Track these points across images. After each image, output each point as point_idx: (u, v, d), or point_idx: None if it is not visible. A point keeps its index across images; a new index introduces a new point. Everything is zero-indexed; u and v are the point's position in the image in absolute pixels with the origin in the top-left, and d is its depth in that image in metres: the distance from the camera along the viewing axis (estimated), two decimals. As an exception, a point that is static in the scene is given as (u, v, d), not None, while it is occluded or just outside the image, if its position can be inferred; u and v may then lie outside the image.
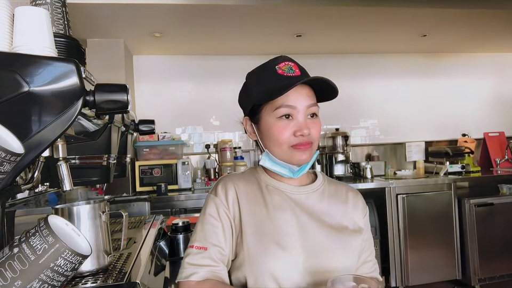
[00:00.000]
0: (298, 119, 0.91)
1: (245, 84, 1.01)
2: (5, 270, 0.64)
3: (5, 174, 0.63)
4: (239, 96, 1.04)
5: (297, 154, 0.91)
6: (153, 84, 3.76)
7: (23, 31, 0.77)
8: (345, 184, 1.09)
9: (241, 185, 0.98)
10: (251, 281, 0.90)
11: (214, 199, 0.97)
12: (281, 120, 0.91)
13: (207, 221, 0.95)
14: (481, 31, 3.56)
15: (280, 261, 0.88)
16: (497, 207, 3.25)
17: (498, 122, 4.33)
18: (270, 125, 0.92)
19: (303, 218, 0.94)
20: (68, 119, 0.72)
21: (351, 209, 1.02)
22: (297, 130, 0.90)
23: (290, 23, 3.09)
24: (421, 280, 3.19)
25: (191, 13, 2.79)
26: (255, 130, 0.98)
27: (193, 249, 0.92)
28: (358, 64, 4.12)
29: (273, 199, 0.96)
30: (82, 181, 1.31)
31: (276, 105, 0.90)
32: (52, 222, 0.69)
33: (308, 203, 0.97)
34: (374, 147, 4.12)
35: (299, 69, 0.94)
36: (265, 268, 0.88)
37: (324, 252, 0.92)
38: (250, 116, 0.98)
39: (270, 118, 0.92)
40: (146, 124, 1.63)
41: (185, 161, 3.29)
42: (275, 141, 0.92)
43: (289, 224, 0.93)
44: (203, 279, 0.89)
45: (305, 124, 0.91)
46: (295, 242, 0.91)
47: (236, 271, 0.94)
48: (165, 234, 1.62)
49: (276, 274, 0.88)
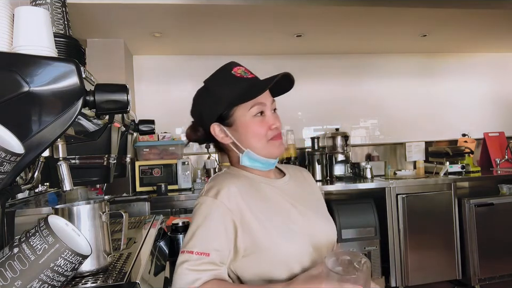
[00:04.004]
0: (268, 114, 1.01)
1: (206, 92, 1.03)
2: (5, 270, 0.64)
3: (5, 174, 0.63)
4: (198, 105, 1.05)
5: (275, 146, 1.01)
6: (153, 84, 3.76)
7: (23, 31, 0.77)
8: (291, 166, 1.21)
9: (237, 184, 0.98)
10: (264, 274, 0.93)
11: (213, 202, 0.94)
12: (257, 117, 0.99)
13: (208, 225, 0.92)
14: (481, 31, 3.56)
15: (293, 247, 0.94)
16: (497, 207, 3.24)
17: (498, 122, 4.33)
18: (248, 123, 0.99)
19: (296, 204, 1.03)
20: (68, 119, 0.72)
21: (310, 183, 1.17)
22: (271, 124, 1.00)
23: (290, 23, 3.09)
24: (421, 280, 3.19)
25: (191, 13, 2.79)
26: (228, 133, 1.01)
27: (193, 255, 0.89)
28: (358, 64, 4.11)
29: (266, 191, 1.02)
30: (82, 181, 1.31)
31: (250, 105, 0.98)
32: (51, 222, 0.69)
33: (290, 190, 1.06)
34: (374, 147, 4.12)
35: (249, 71, 1.03)
36: (280, 258, 0.93)
37: (320, 229, 1.03)
38: (220, 121, 1.01)
39: (245, 118, 0.99)
40: (146, 124, 1.63)
41: (185, 161, 3.29)
42: (255, 136, 0.99)
43: (289, 211, 1.00)
44: (206, 282, 0.88)
45: (274, 118, 1.02)
46: (300, 227, 0.98)
47: (240, 269, 0.95)
48: (165, 234, 1.62)
49: (288, 261, 0.93)
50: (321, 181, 3.51)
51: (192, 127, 1.10)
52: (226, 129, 1.01)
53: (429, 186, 3.29)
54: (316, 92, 3.91)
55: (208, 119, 1.02)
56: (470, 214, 3.19)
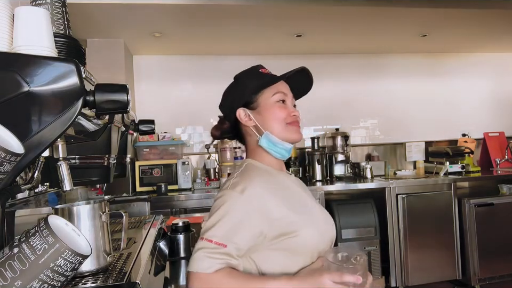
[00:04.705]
0: (288, 103, 1.11)
1: (236, 81, 1.14)
2: (5, 270, 0.64)
3: (5, 174, 0.63)
4: (228, 94, 1.15)
5: (294, 130, 1.09)
6: (153, 84, 3.76)
7: (23, 31, 0.77)
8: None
9: (261, 180, 1.02)
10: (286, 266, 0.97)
11: (239, 197, 0.96)
12: (279, 103, 1.09)
13: (230, 219, 0.93)
14: (481, 31, 3.56)
15: (316, 235, 1.01)
16: (497, 207, 3.24)
17: (498, 122, 4.33)
18: (271, 106, 1.08)
19: (308, 194, 1.15)
20: (68, 119, 0.72)
21: (305, 186, 1.24)
22: (291, 111, 1.10)
23: (290, 23, 3.09)
24: (421, 280, 3.19)
25: (191, 13, 2.79)
26: (252, 117, 1.09)
27: (212, 244, 0.91)
28: (358, 64, 4.11)
29: (286, 183, 1.09)
30: (82, 181, 1.31)
31: (273, 91, 1.09)
32: (51, 222, 0.69)
33: (297, 182, 1.17)
34: (374, 147, 4.12)
35: None
36: (304, 245, 0.99)
37: (327, 219, 1.11)
38: (246, 106, 1.11)
39: (269, 101, 1.09)
40: (146, 124, 1.63)
41: (185, 161, 3.29)
42: (276, 119, 1.08)
43: (307, 200, 1.10)
44: (219, 270, 0.90)
45: (294, 108, 1.12)
46: (319, 216, 1.08)
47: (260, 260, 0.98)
48: (165, 234, 1.62)
49: (312, 249, 1.00)
50: (321, 181, 3.51)
51: (219, 122, 1.18)
52: (250, 113, 1.09)
53: (429, 186, 3.29)
54: (316, 91, 3.86)
55: (236, 105, 1.11)
56: (470, 214, 3.19)
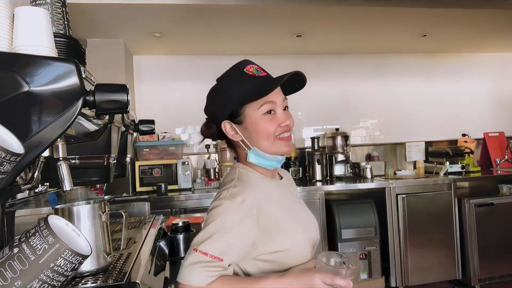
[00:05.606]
0: (278, 112, 1.01)
1: (219, 89, 1.05)
2: (5, 270, 0.64)
3: (5, 174, 0.63)
4: (210, 102, 1.07)
5: (282, 145, 1.02)
6: (153, 84, 3.76)
7: (23, 31, 0.77)
8: (279, 168, 1.18)
9: (259, 190, 1.00)
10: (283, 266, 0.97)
11: (238, 210, 0.94)
12: (266, 115, 1.00)
13: (228, 232, 0.92)
14: (481, 31, 3.56)
15: (303, 242, 1.01)
16: (497, 207, 3.24)
17: (498, 122, 4.33)
18: (258, 121, 0.99)
19: (297, 203, 1.12)
20: (68, 119, 0.72)
21: (293, 183, 1.23)
22: (281, 121, 1.00)
23: (290, 23, 3.08)
24: (421, 280, 3.19)
25: (191, 13, 2.79)
26: (238, 131, 1.02)
27: (207, 257, 0.89)
28: (358, 64, 4.11)
29: (274, 192, 1.05)
30: (82, 181, 1.31)
31: (260, 103, 0.98)
32: (51, 222, 0.69)
33: (287, 185, 1.14)
34: (374, 147, 4.12)
35: (262, 69, 1.04)
36: (295, 254, 0.99)
37: (313, 224, 1.10)
38: (231, 119, 1.03)
39: (255, 115, 0.99)
40: (146, 124, 1.63)
41: (185, 161, 3.29)
42: (264, 134, 1.00)
43: (296, 210, 1.08)
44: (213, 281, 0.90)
45: (285, 116, 1.01)
46: (306, 222, 1.07)
47: (251, 267, 0.98)
48: (165, 234, 1.62)
49: (301, 256, 1.00)
50: (321, 181, 3.51)
51: (206, 123, 1.12)
52: (237, 127, 1.02)
53: (429, 186, 3.29)
54: (316, 91, 3.90)
55: (219, 116, 1.04)
56: (470, 214, 3.19)
